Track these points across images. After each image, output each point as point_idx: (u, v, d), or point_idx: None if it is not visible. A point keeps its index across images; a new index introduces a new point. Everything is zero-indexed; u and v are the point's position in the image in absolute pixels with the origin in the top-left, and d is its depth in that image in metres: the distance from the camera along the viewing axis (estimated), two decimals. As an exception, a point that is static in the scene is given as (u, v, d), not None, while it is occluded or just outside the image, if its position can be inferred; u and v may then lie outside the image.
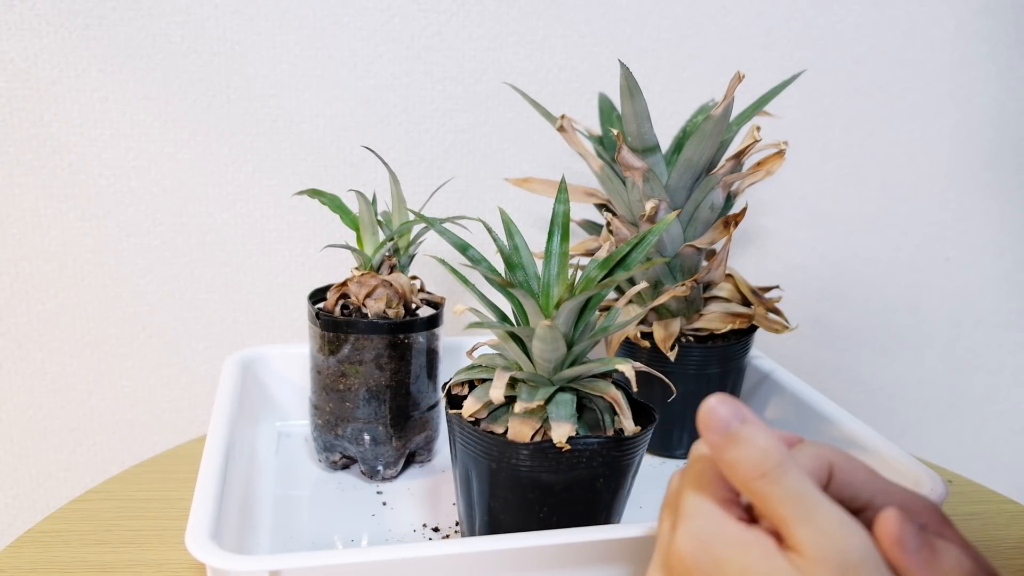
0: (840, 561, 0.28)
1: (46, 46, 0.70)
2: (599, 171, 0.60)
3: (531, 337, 0.45)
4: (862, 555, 0.28)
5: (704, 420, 0.31)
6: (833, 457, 0.36)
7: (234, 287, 0.79)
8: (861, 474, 0.37)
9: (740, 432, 0.30)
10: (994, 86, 0.88)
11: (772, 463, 0.29)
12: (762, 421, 0.31)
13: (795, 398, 0.65)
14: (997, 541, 0.58)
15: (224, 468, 0.50)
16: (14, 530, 0.80)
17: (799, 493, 0.29)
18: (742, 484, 0.30)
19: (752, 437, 0.30)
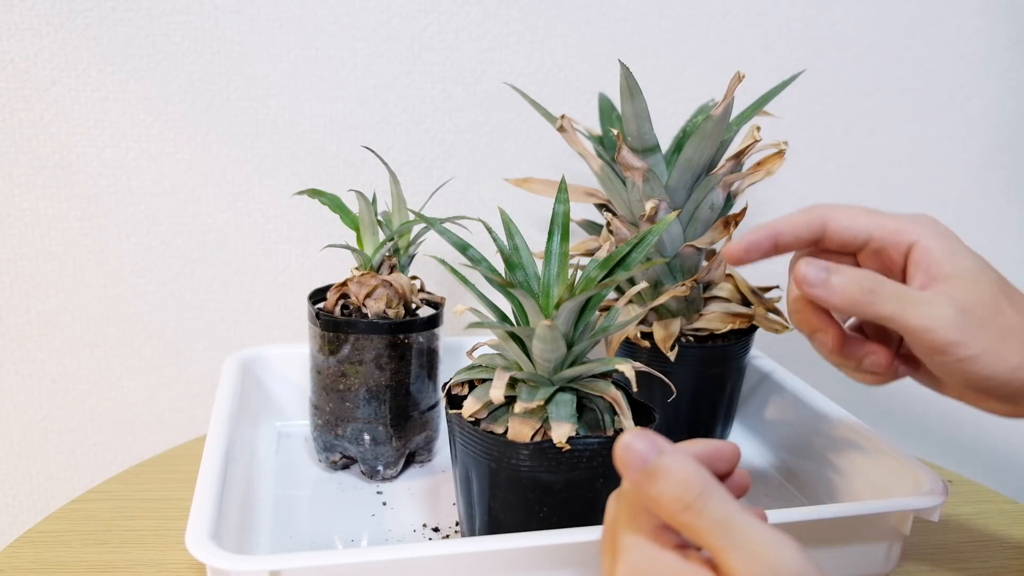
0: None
1: (46, 46, 0.70)
2: (599, 171, 0.60)
3: (531, 337, 0.45)
4: (795, 569, 0.28)
5: (620, 458, 0.30)
6: (824, 210, 0.43)
7: (234, 287, 0.79)
8: (857, 216, 0.43)
9: (658, 466, 0.30)
10: (994, 86, 0.88)
11: (693, 494, 0.29)
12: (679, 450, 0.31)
13: (795, 398, 0.65)
14: (997, 541, 0.58)
15: (224, 468, 0.50)
16: (14, 530, 0.80)
17: (723, 520, 0.29)
18: (668, 517, 0.30)
19: (670, 469, 0.30)
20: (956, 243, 0.42)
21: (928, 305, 0.40)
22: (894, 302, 0.40)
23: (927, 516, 0.50)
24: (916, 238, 0.42)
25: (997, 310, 0.40)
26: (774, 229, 0.44)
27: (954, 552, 0.56)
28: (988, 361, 0.39)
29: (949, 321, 0.39)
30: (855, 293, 0.40)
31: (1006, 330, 0.40)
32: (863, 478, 0.57)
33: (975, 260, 0.42)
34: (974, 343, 0.39)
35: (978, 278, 0.41)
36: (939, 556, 0.56)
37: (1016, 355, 0.40)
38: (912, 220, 0.43)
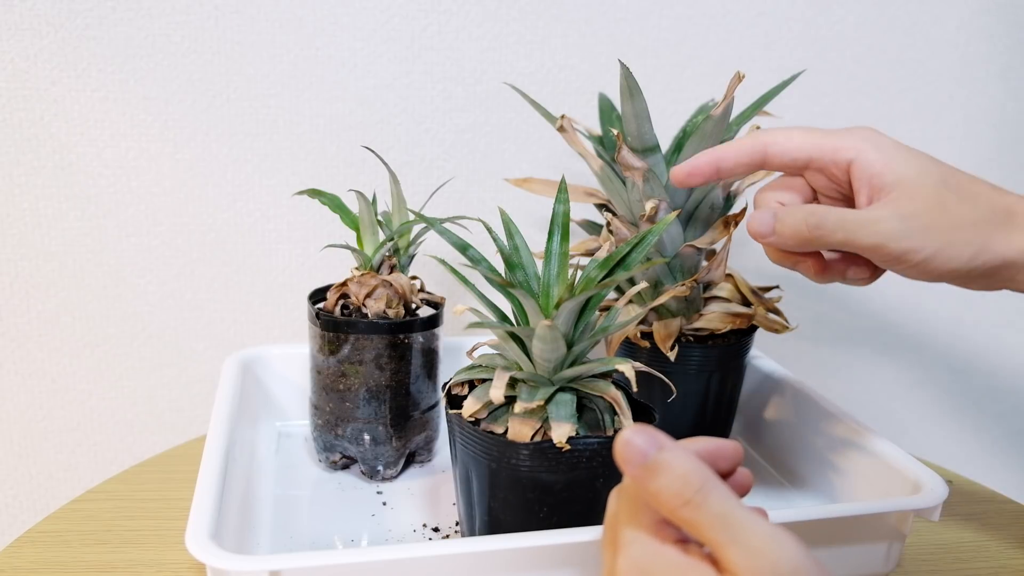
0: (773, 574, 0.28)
1: (46, 46, 0.70)
2: (599, 171, 0.60)
3: (531, 337, 0.45)
4: (795, 564, 0.28)
5: (620, 453, 0.31)
6: (764, 136, 0.45)
7: (234, 287, 0.79)
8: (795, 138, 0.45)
9: (658, 461, 0.30)
10: (995, 86, 0.88)
11: (693, 489, 0.29)
12: (679, 446, 0.31)
13: (795, 398, 0.65)
14: (997, 541, 0.58)
15: (224, 468, 0.50)
16: (14, 530, 0.80)
17: (723, 515, 0.29)
18: (668, 513, 0.30)
19: (670, 465, 0.30)
20: (894, 151, 0.43)
21: (873, 223, 0.42)
22: (841, 230, 0.42)
23: (927, 516, 0.50)
24: (853, 155, 0.44)
25: (942, 208, 0.42)
26: (716, 155, 0.46)
27: (954, 552, 0.56)
28: (943, 259, 0.42)
29: (895, 233, 0.41)
30: (803, 231, 0.43)
31: (954, 226, 0.42)
32: (863, 478, 0.57)
33: (915, 163, 0.43)
34: (924, 246, 0.41)
35: (919, 181, 0.42)
36: (939, 556, 0.56)
37: (968, 247, 0.42)
38: (849, 135, 0.44)
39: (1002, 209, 0.42)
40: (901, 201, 0.42)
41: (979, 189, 0.43)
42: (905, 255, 0.42)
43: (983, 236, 0.42)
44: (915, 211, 0.42)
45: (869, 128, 0.45)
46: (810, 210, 0.43)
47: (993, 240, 0.42)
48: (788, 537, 0.29)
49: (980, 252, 0.42)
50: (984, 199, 0.43)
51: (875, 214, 0.42)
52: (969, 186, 0.43)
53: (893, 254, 0.42)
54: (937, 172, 0.43)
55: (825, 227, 0.42)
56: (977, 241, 0.42)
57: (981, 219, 0.42)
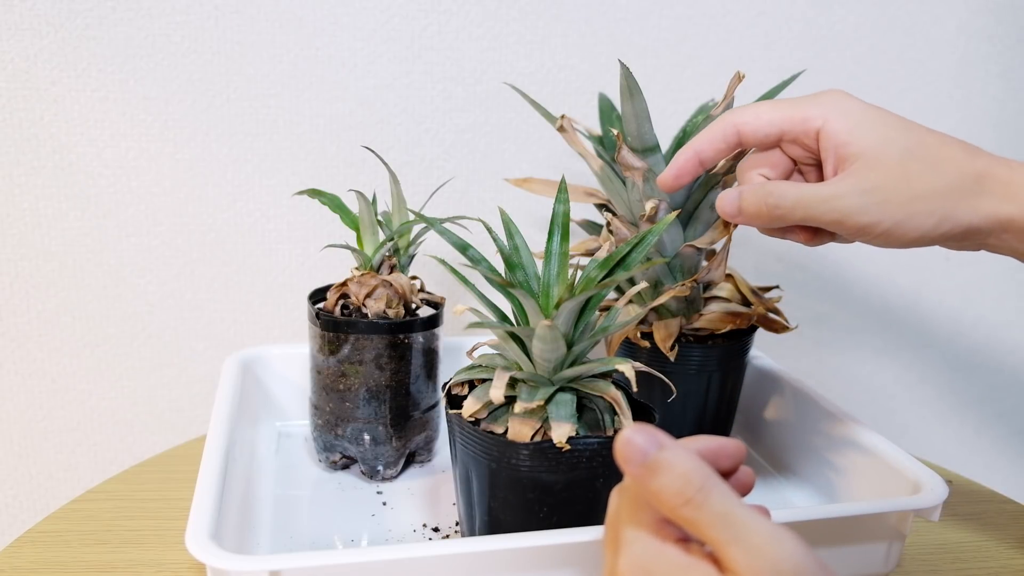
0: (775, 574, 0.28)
1: (46, 46, 0.70)
2: (599, 171, 0.60)
3: (531, 337, 0.45)
4: (796, 563, 0.28)
5: (621, 452, 0.30)
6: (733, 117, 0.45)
7: (234, 287, 0.79)
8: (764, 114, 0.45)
9: (658, 460, 0.30)
10: (995, 86, 0.88)
11: (694, 488, 0.29)
12: (680, 445, 0.31)
13: (795, 398, 0.65)
14: (997, 541, 0.58)
15: (224, 468, 0.50)
16: (14, 530, 0.80)
17: (724, 514, 0.29)
18: (669, 512, 0.30)
19: (671, 464, 0.30)
20: (861, 116, 0.43)
21: (831, 199, 0.42)
22: (800, 207, 0.42)
23: (927, 516, 0.50)
24: (820, 124, 0.43)
25: (904, 180, 0.41)
26: (694, 150, 0.46)
27: (954, 552, 0.56)
28: (904, 230, 0.42)
29: (854, 208, 0.41)
30: (764, 211, 0.43)
31: (915, 198, 0.41)
32: (863, 478, 0.57)
33: (880, 130, 0.42)
34: (884, 219, 0.41)
35: (883, 151, 0.42)
36: (939, 556, 0.56)
37: (929, 218, 0.41)
38: (817, 103, 0.44)
39: (971, 174, 0.42)
40: (862, 173, 0.42)
41: (948, 153, 0.42)
42: (865, 228, 0.42)
43: (947, 205, 0.41)
44: (875, 184, 0.41)
45: (838, 92, 0.44)
46: (769, 190, 0.43)
47: (958, 208, 0.41)
48: (790, 536, 0.29)
49: (943, 221, 0.41)
50: (952, 165, 0.42)
51: (833, 189, 0.42)
52: (938, 151, 0.42)
53: (853, 228, 0.42)
54: (903, 139, 0.42)
55: (783, 206, 0.43)
56: (939, 211, 0.41)
57: (946, 187, 0.41)
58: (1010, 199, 0.41)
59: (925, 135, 0.43)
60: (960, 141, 0.43)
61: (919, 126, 0.43)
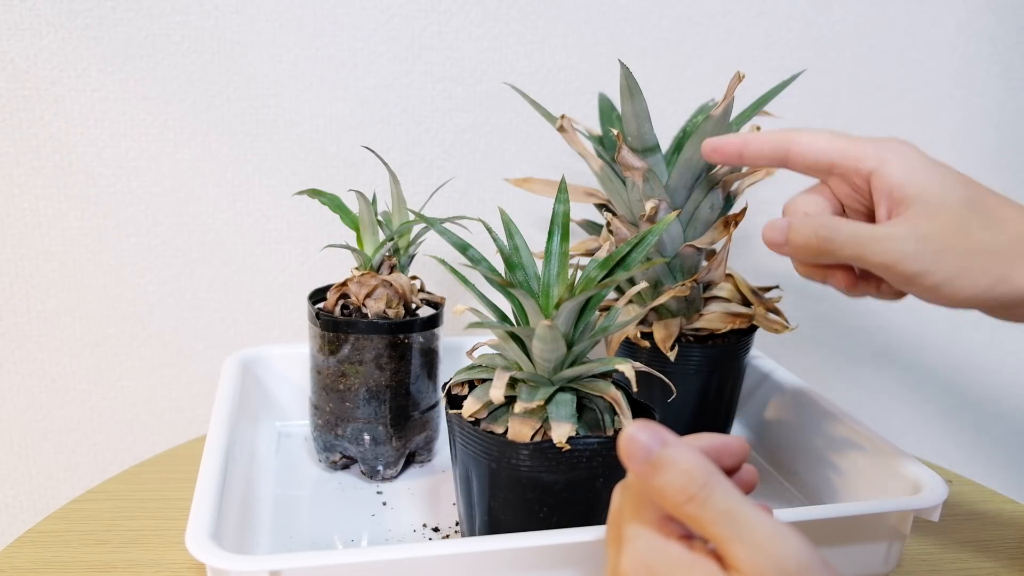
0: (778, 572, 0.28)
1: (46, 46, 0.70)
2: (599, 171, 0.60)
3: (531, 337, 0.45)
4: (800, 560, 0.28)
5: (625, 449, 0.30)
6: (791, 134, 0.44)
7: (234, 287, 0.79)
8: (820, 141, 0.43)
9: (662, 457, 0.30)
10: (995, 86, 0.88)
11: (697, 485, 0.29)
12: (683, 442, 0.31)
13: (795, 398, 0.65)
14: (997, 541, 0.58)
15: (224, 468, 0.50)
16: (14, 530, 0.80)
17: (728, 511, 0.29)
18: (672, 509, 0.30)
19: (674, 460, 0.30)
20: (919, 164, 0.41)
21: (885, 240, 0.40)
22: (852, 244, 0.40)
23: (927, 516, 0.50)
24: (875, 165, 0.42)
25: (963, 232, 0.39)
26: (744, 142, 0.45)
27: (954, 552, 0.56)
28: (957, 286, 0.39)
29: (907, 253, 0.39)
30: (814, 243, 0.41)
31: (972, 252, 0.39)
32: (863, 478, 0.57)
33: (941, 180, 0.41)
34: (937, 271, 0.39)
35: (942, 199, 0.40)
36: (939, 556, 0.56)
37: (985, 276, 0.39)
38: (875, 145, 0.42)
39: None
40: (919, 219, 0.40)
41: (1009, 214, 0.40)
42: (916, 277, 0.39)
43: (1004, 266, 0.39)
44: (932, 231, 0.39)
45: (899, 140, 0.43)
46: (822, 222, 0.41)
47: (1016, 271, 0.39)
48: (793, 533, 0.29)
49: (999, 282, 0.39)
50: (1012, 225, 0.40)
51: (889, 231, 0.40)
52: (998, 209, 0.40)
53: (904, 275, 0.40)
54: (964, 191, 0.40)
55: (836, 240, 0.41)
56: (996, 270, 0.39)
57: (1005, 247, 0.39)
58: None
59: (986, 192, 0.41)
60: (1019, 203, 0.41)
61: (979, 183, 0.42)
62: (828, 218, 0.42)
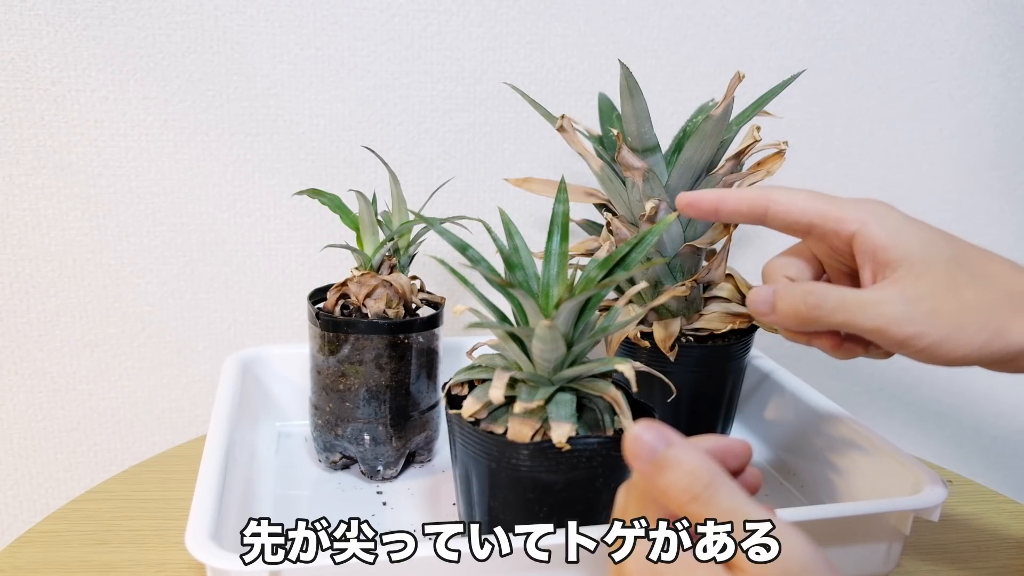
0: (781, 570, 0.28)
1: (46, 46, 0.70)
2: (599, 171, 0.60)
3: (531, 337, 0.45)
4: (803, 561, 0.28)
5: (630, 449, 0.31)
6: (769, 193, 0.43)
7: (234, 287, 0.79)
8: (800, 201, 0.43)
9: (667, 457, 0.30)
10: (995, 86, 0.88)
11: (702, 485, 0.29)
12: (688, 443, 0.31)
13: (795, 398, 0.65)
14: (997, 541, 0.58)
15: (224, 468, 0.50)
16: (14, 530, 0.80)
17: (732, 510, 0.29)
18: (677, 508, 0.30)
19: (679, 461, 0.30)
20: (901, 225, 0.41)
21: (875, 305, 0.39)
22: (841, 311, 0.40)
23: (927, 516, 0.50)
24: (856, 227, 0.41)
25: (952, 289, 0.39)
26: (720, 198, 0.44)
27: (954, 552, 0.56)
28: (951, 345, 0.39)
29: (899, 317, 0.39)
30: (803, 311, 0.41)
31: (964, 310, 0.38)
32: (863, 478, 0.57)
33: (923, 239, 0.40)
34: (931, 331, 0.38)
35: (928, 258, 0.39)
36: (939, 556, 0.56)
37: (980, 334, 0.38)
38: (855, 207, 0.42)
39: (1019, 291, 0.39)
40: (907, 281, 0.39)
41: (994, 269, 0.40)
42: (909, 340, 0.39)
43: (997, 321, 0.38)
44: (921, 293, 0.39)
45: (878, 200, 0.42)
46: (809, 289, 0.41)
47: (1010, 326, 0.38)
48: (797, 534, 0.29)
49: (993, 338, 0.38)
50: (1000, 280, 0.39)
51: (878, 295, 0.39)
52: (984, 265, 0.40)
53: (897, 339, 0.39)
54: (948, 248, 0.40)
55: (824, 307, 0.40)
56: (991, 326, 0.38)
57: (996, 302, 0.38)
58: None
59: (968, 247, 0.41)
60: (1002, 257, 0.41)
61: (960, 239, 0.41)
62: (815, 285, 0.41)
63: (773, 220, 0.43)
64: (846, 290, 0.40)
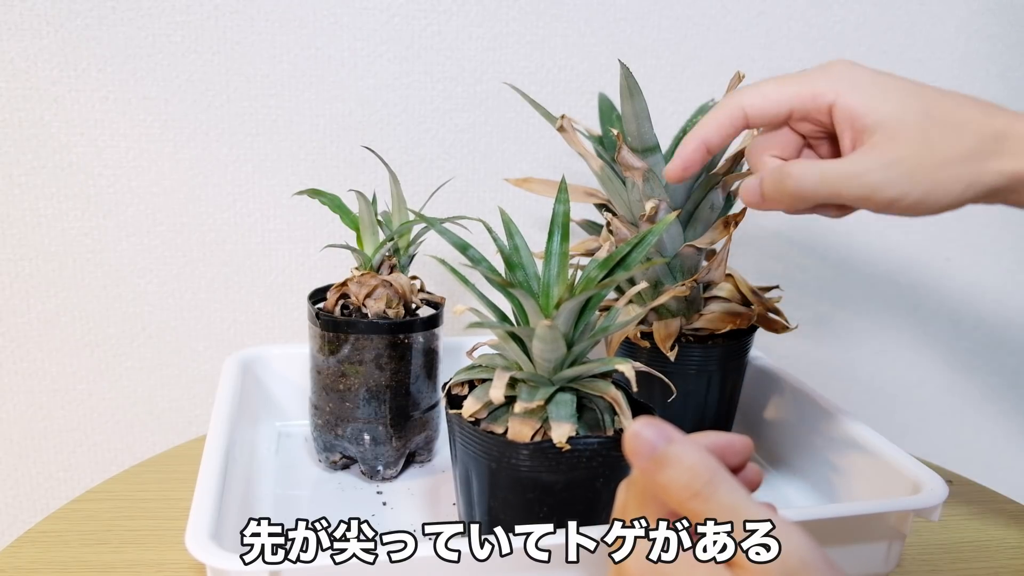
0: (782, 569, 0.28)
1: (46, 46, 0.70)
2: (599, 171, 0.60)
3: (531, 337, 0.45)
4: (803, 557, 0.28)
5: (630, 446, 0.31)
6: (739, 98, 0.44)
7: (234, 287, 0.79)
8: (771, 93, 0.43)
9: (667, 454, 0.30)
10: (995, 86, 0.88)
11: (702, 481, 0.29)
12: (688, 439, 0.31)
13: (795, 398, 0.65)
14: (997, 541, 0.58)
15: (224, 468, 0.50)
16: (14, 530, 0.80)
17: (732, 507, 0.29)
18: (677, 505, 0.30)
19: (679, 457, 0.30)
20: (873, 86, 0.42)
21: (857, 176, 0.40)
22: (824, 187, 0.41)
23: (927, 516, 0.50)
24: (833, 98, 0.42)
25: (927, 148, 0.40)
26: (700, 138, 0.45)
27: (954, 552, 0.56)
28: (933, 199, 0.41)
29: (880, 182, 0.40)
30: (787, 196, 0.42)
31: (940, 164, 0.40)
32: (863, 478, 0.57)
33: (896, 100, 0.41)
34: (912, 190, 0.40)
35: (901, 119, 0.41)
36: (939, 556, 0.56)
37: (956, 183, 0.40)
38: (825, 76, 0.43)
39: (991, 135, 0.40)
40: (883, 145, 0.40)
41: (966, 115, 0.41)
42: (895, 202, 0.41)
43: (973, 169, 0.40)
44: (899, 156, 0.40)
45: (844, 62, 0.43)
46: (787, 171, 0.42)
47: (984, 171, 0.40)
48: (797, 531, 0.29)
49: (970, 186, 0.40)
50: (972, 127, 0.40)
51: (857, 166, 0.41)
52: (955, 112, 0.41)
53: (882, 202, 0.41)
54: (919, 104, 0.41)
55: (807, 187, 0.41)
56: (967, 175, 0.40)
57: (970, 151, 0.40)
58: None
59: (940, 97, 0.42)
60: (974, 100, 0.42)
61: (931, 88, 0.42)
62: (793, 166, 0.42)
63: (755, 122, 0.44)
64: (824, 165, 0.42)
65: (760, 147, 0.46)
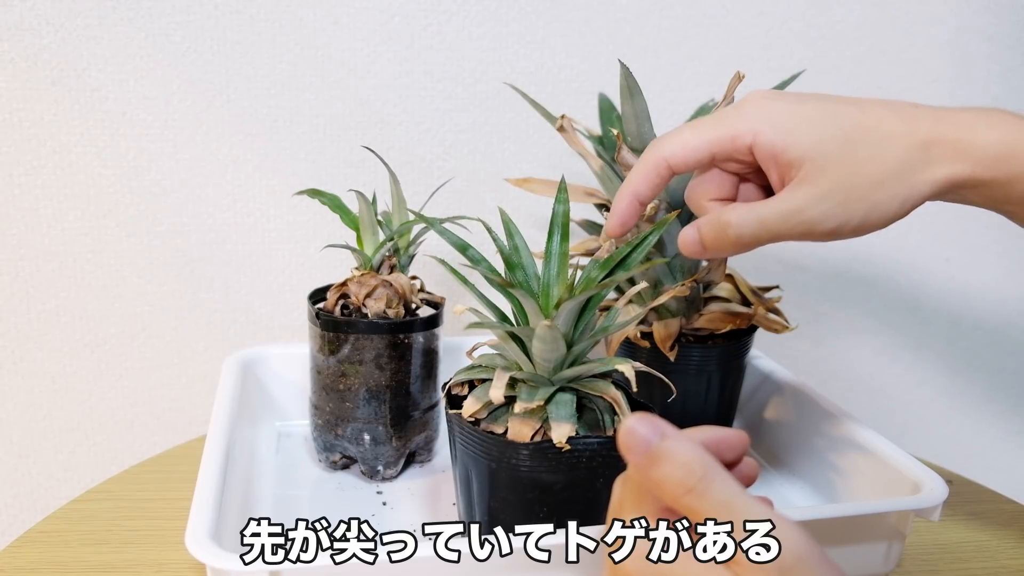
0: (777, 565, 0.28)
1: (46, 46, 0.70)
2: (599, 171, 0.60)
3: (531, 337, 0.45)
4: (798, 552, 0.28)
5: (624, 442, 0.31)
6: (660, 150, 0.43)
7: (234, 287, 0.79)
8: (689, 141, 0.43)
9: (661, 449, 0.30)
10: (995, 86, 0.88)
11: (696, 477, 0.29)
12: (683, 435, 0.31)
13: (795, 398, 0.65)
14: (997, 541, 0.58)
15: (224, 468, 0.50)
16: (14, 530, 0.80)
17: (726, 503, 0.29)
18: (671, 501, 0.30)
19: (673, 453, 0.30)
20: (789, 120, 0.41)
21: (792, 215, 0.40)
22: (764, 231, 0.41)
23: (927, 516, 0.50)
24: (751, 139, 0.41)
25: (856, 171, 0.40)
26: (631, 193, 0.45)
27: (954, 552, 0.56)
28: (873, 220, 0.40)
29: (816, 216, 0.40)
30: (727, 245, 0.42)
31: (873, 185, 0.40)
32: (863, 478, 0.57)
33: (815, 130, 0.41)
34: (851, 217, 0.40)
35: (824, 150, 0.40)
36: (939, 556, 0.56)
37: (894, 200, 0.40)
38: (740, 116, 0.42)
39: (917, 145, 0.40)
40: (812, 178, 0.40)
41: (888, 128, 0.40)
42: (835, 231, 0.41)
43: (905, 184, 0.40)
44: (829, 187, 0.40)
45: (758, 96, 0.42)
46: (725, 220, 0.42)
47: (916, 184, 0.40)
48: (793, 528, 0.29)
49: (907, 200, 0.40)
50: (896, 141, 0.40)
51: (790, 204, 0.40)
52: (877, 129, 0.40)
53: (824, 235, 0.41)
54: (838, 130, 0.40)
55: (747, 234, 0.41)
56: (901, 192, 0.40)
57: (898, 167, 0.40)
58: (961, 159, 0.40)
59: (858, 116, 0.41)
60: (894, 109, 0.41)
61: (849, 105, 0.41)
62: (732, 215, 0.42)
63: (680, 170, 0.44)
64: (763, 209, 0.41)
65: (697, 192, 0.46)
